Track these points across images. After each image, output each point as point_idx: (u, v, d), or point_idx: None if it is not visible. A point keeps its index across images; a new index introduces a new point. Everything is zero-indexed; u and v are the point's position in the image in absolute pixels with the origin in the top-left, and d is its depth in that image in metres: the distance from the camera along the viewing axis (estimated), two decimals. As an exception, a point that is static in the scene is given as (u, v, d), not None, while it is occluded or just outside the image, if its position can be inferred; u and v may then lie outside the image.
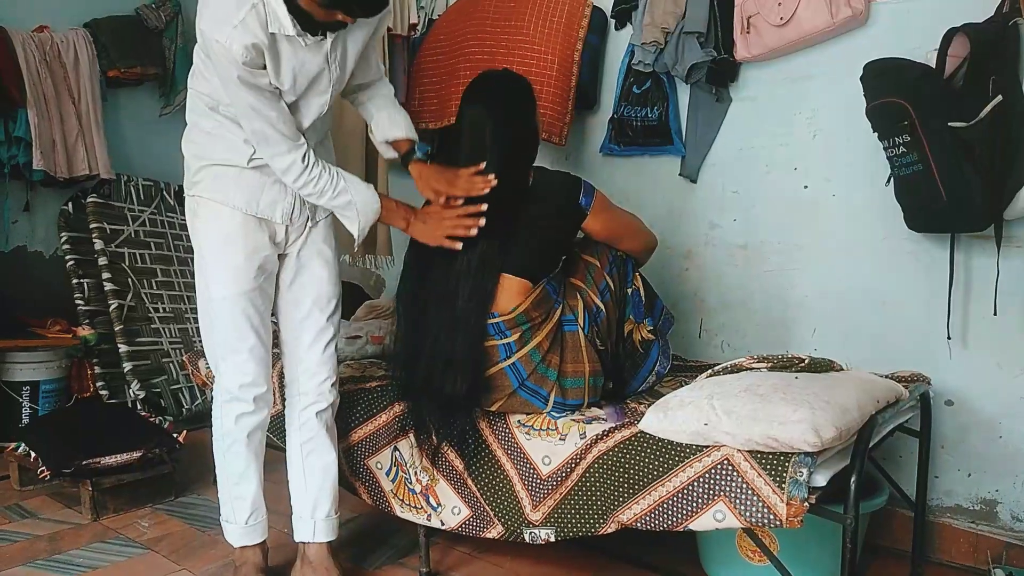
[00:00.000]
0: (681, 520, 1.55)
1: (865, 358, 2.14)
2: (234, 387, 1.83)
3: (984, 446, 2.10)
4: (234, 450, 1.87)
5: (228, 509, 1.93)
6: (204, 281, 1.81)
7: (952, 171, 1.85)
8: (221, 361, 1.84)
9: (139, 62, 3.42)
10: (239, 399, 1.83)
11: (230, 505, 1.92)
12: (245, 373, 1.82)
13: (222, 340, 1.82)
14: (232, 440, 1.87)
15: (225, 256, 1.77)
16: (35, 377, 3.02)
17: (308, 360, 1.91)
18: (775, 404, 1.47)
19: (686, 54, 2.44)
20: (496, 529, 1.83)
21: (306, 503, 1.94)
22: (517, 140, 1.86)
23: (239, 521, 1.91)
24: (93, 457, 2.38)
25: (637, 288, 1.97)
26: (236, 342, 1.80)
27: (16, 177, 3.19)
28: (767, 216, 2.44)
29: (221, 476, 1.93)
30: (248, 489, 1.90)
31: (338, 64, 1.73)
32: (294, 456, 1.95)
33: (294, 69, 1.65)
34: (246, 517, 1.91)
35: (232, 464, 1.89)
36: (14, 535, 2.26)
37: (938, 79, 1.88)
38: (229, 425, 1.86)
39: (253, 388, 1.83)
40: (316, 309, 1.90)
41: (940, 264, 2.07)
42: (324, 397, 1.92)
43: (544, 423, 1.80)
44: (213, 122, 1.76)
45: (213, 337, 1.85)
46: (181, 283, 3.47)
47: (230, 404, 1.85)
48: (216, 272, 1.78)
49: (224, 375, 1.84)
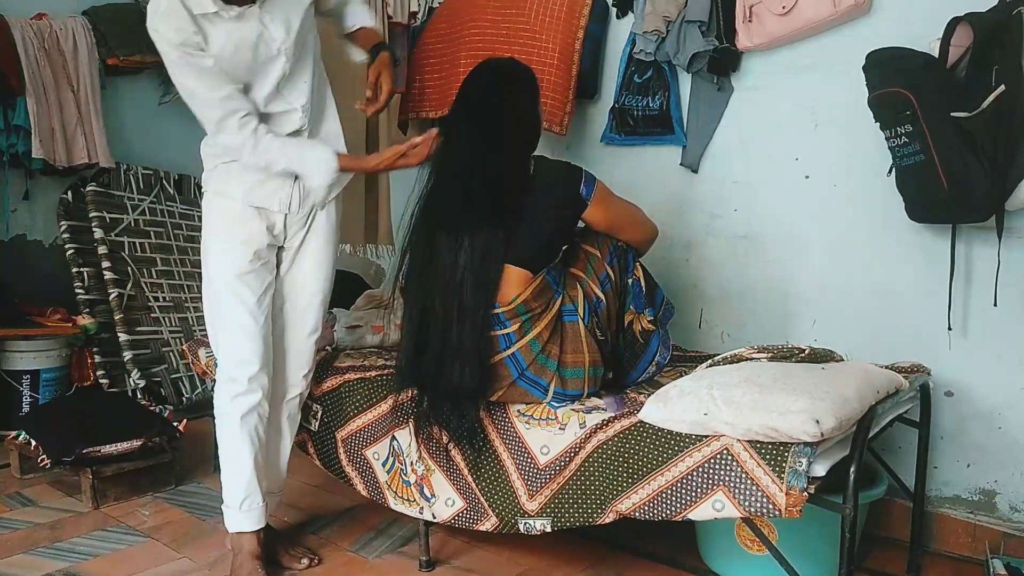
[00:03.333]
0: (680, 510, 1.55)
1: (865, 349, 2.14)
2: (229, 365, 1.90)
3: (983, 437, 2.10)
4: (227, 432, 1.91)
5: (227, 492, 1.95)
6: (205, 265, 1.94)
7: (954, 161, 1.84)
8: (220, 343, 1.93)
9: (138, 50, 3.38)
10: (233, 379, 1.89)
11: (228, 488, 1.94)
12: (240, 350, 1.89)
13: (219, 321, 1.93)
14: (228, 421, 1.91)
15: (223, 241, 1.90)
16: (35, 366, 3.02)
17: (296, 351, 2.02)
18: (775, 394, 1.47)
19: (688, 43, 2.43)
20: (490, 521, 1.83)
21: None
22: (517, 126, 1.85)
23: (234, 505, 1.93)
24: (94, 446, 2.39)
25: (637, 278, 1.96)
26: (229, 320, 1.90)
27: (15, 166, 3.18)
28: (768, 206, 2.44)
29: (221, 459, 1.96)
30: (241, 474, 1.92)
31: (280, 26, 1.78)
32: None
33: (228, 43, 1.73)
34: (240, 501, 1.92)
35: (227, 447, 1.93)
36: (15, 523, 2.27)
37: (941, 69, 1.87)
38: (225, 405, 1.91)
39: (247, 367, 1.88)
40: (311, 303, 2.01)
41: (941, 255, 2.06)
42: (300, 386, 2.05)
43: (544, 413, 1.81)
44: None
45: (214, 321, 1.95)
46: (181, 272, 3.46)
47: (226, 384, 1.90)
48: (215, 256, 1.91)
49: (221, 355, 1.93)
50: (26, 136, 3.07)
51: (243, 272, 1.88)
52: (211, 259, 1.92)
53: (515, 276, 1.82)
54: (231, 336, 1.90)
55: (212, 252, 1.92)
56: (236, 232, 1.89)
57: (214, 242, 1.92)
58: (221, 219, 1.91)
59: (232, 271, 1.88)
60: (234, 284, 1.88)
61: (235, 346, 1.89)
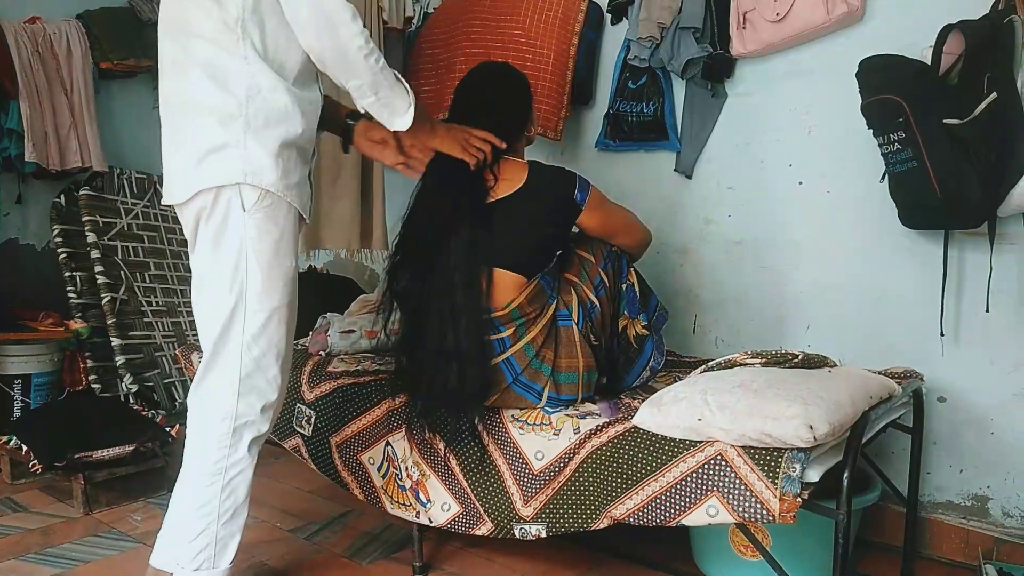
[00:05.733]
0: (674, 515, 1.55)
1: (858, 354, 2.15)
2: (254, 401, 1.64)
3: (976, 442, 2.11)
4: (238, 479, 1.63)
5: (208, 554, 1.62)
6: (248, 286, 1.68)
7: (947, 168, 1.85)
8: (253, 379, 1.64)
9: (132, 54, 3.39)
10: (255, 422, 1.65)
11: (212, 549, 1.62)
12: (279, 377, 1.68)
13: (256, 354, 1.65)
14: (240, 469, 1.63)
15: (284, 254, 1.68)
16: (27, 370, 3.00)
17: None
18: (769, 400, 1.48)
19: (682, 49, 2.44)
20: (486, 526, 1.83)
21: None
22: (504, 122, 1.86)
23: (222, 564, 1.64)
24: (85, 451, 2.38)
25: (631, 283, 1.97)
26: (278, 349, 1.67)
27: (8, 169, 3.17)
28: (762, 212, 2.44)
29: (207, 518, 1.62)
30: (242, 517, 1.67)
31: None
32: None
33: None
34: (233, 555, 1.65)
35: (234, 496, 1.63)
36: (6, 529, 2.25)
37: (933, 76, 1.88)
38: (241, 453, 1.62)
39: (274, 394, 1.67)
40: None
41: (934, 261, 2.07)
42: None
43: (538, 418, 1.80)
44: None
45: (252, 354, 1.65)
46: (174, 276, 3.45)
47: (244, 429, 1.63)
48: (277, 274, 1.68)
49: (249, 395, 1.64)
50: (19, 139, 3.06)
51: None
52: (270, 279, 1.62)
53: (509, 281, 1.82)
54: (274, 365, 1.65)
55: (276, 267, 1.62)
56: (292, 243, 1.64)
57: (278, 255, 1.62)
58: (277, 227, 1.60)
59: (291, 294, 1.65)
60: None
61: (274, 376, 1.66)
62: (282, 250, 1.61)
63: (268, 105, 1.53)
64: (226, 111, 1.51)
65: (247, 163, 1.52)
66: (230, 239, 1.56)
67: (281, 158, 1.55)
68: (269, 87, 1.53)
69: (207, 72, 1.52)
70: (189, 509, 1.62)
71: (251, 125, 1.52)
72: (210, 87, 1.52)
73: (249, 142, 1.52)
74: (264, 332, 1.61)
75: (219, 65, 1.52)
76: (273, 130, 1.54)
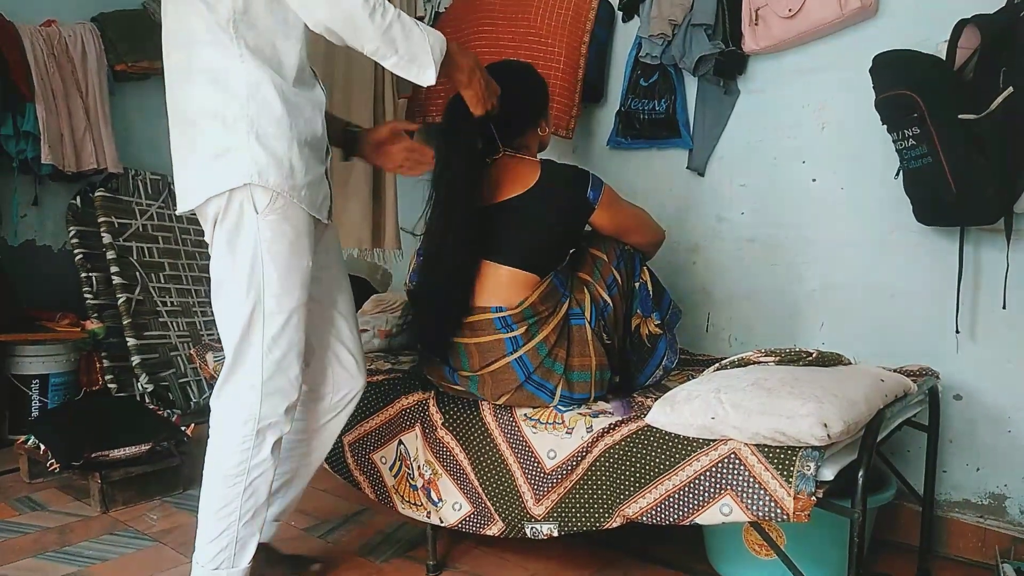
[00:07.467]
0: (687, 514, 1.54)
1: (873, 352, 2.14)
2: (278, 403, 1.64)
3: (992, 440, 2.09)
4: (259, 480, 1.63)
5: (228, 554, 1.63)
6: (265, 289, 1.67)
7: (962, 164, 1.83)
8: (271, 382, 1.63)
9: (146, 56, 3.41)
10: (279, 423, 1.64)
11: (232, 548, 1.63)
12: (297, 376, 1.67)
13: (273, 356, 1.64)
14: (262, 470, 1.63)
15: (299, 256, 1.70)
16: (44, 371, 3.04)
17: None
18: (783, 398, 1.47)
19: (694, 46, 2.43)
20: (497, 526, 1.83)
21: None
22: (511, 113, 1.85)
23: (241, 564, 1.64)
24: (102, 450, 2.40)
25: (644, 282, 1.96)
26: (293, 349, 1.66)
27: (24, 171, 3.20)
28: (775, 209, 2.43)
29: (228, 519, 1.62)
30: (262, 517, 1.67)
31: None
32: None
33: None
34: (252, 555, 1.65)
35: (255, 497, 1.63)
36: (24, 527, 2.28)
37: (948, 71, 1.87)
38: (264, 455, 1.62)
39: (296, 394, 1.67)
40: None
41: (949, 258, 2.05)
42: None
43: (551, 416, 1.80)
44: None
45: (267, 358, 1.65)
46: (189, 277, 3.48)
47: (267, 431, 1.62)
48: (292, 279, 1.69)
49: (273, 399, 1.63)
50: (35, 142, 3.09)
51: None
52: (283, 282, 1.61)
53: (522, 279, 1.82)
54: (295, 365, 1.65)
55: (294, 268, 1.61)
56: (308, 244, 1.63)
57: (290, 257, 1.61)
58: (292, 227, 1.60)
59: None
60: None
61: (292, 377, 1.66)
62: (298, 250, 1.60)
63: (269, 104, 1.53)
64: (229, 113, 1.51)
65: (254, 164, 1.51)
66: (244, 242, 1.56)
67: (288, 157, 1.54)
68: (268, 86, 1.53)
69: (208, 77, 1.52)
70: (210, 510, 1.63)
71: (255, 126, 1.51)
72: (212, 91, 1.52)
73: (254, 143, 1.51)
74: (284, 333, 1.61)
75: (218, 68, 1.52)
76: (277, 129, 1.53)
